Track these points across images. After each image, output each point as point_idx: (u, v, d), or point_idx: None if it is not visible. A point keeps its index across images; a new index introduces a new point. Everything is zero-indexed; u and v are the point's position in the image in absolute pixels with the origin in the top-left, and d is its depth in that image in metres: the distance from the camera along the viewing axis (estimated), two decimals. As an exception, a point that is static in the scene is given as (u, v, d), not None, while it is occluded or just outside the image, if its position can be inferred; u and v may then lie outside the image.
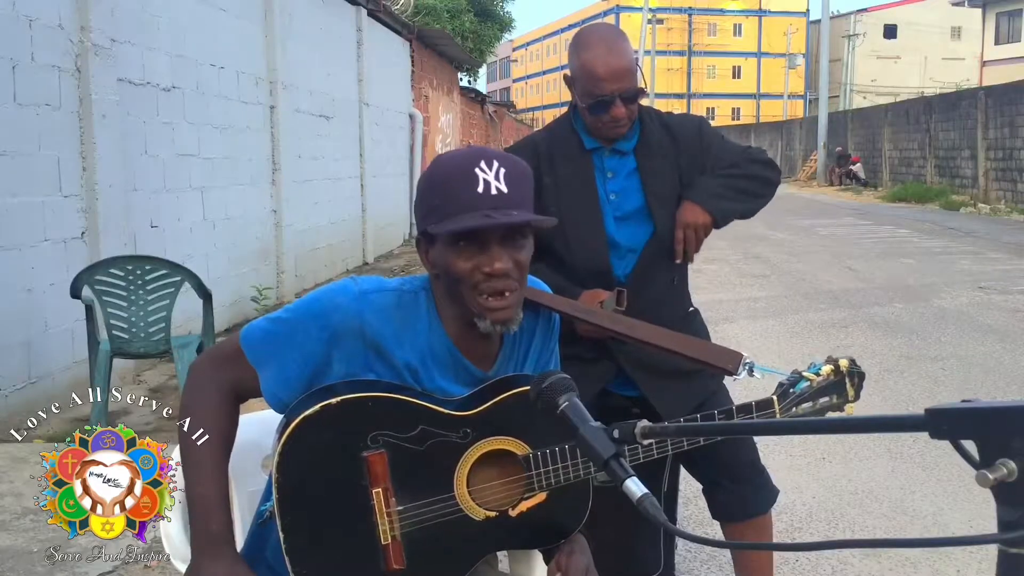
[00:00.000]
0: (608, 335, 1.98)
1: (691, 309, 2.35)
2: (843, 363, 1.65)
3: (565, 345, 1.70)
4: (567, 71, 2.25)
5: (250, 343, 1.41)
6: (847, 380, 1.65)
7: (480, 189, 1.33)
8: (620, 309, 2.02)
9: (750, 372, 1.67)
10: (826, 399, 1.64)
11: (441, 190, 1.37)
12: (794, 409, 1.62)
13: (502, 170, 1.35)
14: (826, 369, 1.64)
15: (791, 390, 1.63)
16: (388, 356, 1.39)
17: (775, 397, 1.61)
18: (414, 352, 1.41)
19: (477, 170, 1.34)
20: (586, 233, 2.15)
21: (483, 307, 1.37)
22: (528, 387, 1.31)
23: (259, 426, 1.63)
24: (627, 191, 2.19)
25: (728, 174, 2.20)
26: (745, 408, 1.62)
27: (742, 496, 2.18)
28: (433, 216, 1.37)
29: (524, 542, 1.48)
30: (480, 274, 1.35)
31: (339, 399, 1.34)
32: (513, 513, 1.42)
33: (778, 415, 1.60)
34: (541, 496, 1.44)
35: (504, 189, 1.34)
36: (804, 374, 1.63)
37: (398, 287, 1.44)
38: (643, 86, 2.20)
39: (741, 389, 2.43)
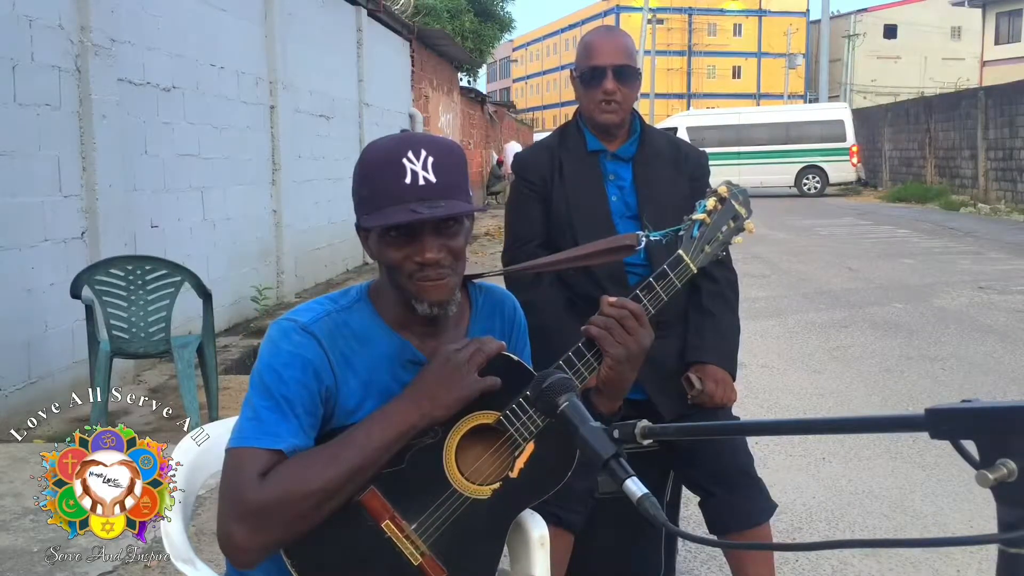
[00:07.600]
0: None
1: None
2: (722, 189, 1.67)
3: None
4: (572, 69, 2.30)
5: (248, 435, 1.33)
6: (734, 202, 1.66)
7: (408, 180, 1.33)
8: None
9: (648, 239, 1.66)
10: (726, 227, 1.66)
11: (370, 181, 1.37)
12: (706, 249, 1.63)
13: (430, 159, 1.34)
14: (711, 203, 1.65)
15: (693, 236, 1.63)
16: (351, 377, 1.40)
17: (680, 251, 1.62)
18: (368, 362, 1.41)
19: (404, 160, 1.33)
20: (595, 230, 2.16)
21: (419, 289, 1.38)
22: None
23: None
24: (627, 195, 2.27)
25: (730, 306, 2.35)
26: (661, 274, 1.59)
27: (736, 505, 2.16)
28: (364, 207, 1.38)
29: (538, 493, 1.49)
30: (412, 263, 1.36)
31: None
32: (514, 474, 1.44)
33: (691, 266, 1.61)
34: (530, 446, 1.45)
35: (432, 179, 1.33)
36: (695, 217, 1.65)
37: (332, 308, 1.43)
38: (639, 71, 2.28)
39: (742, 389, 2.44)
